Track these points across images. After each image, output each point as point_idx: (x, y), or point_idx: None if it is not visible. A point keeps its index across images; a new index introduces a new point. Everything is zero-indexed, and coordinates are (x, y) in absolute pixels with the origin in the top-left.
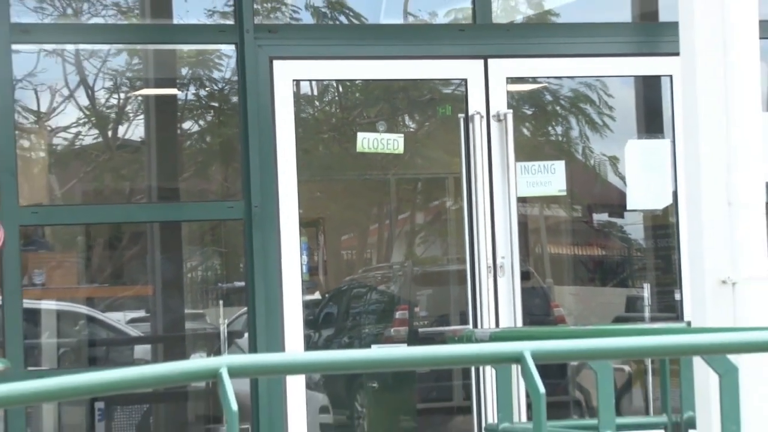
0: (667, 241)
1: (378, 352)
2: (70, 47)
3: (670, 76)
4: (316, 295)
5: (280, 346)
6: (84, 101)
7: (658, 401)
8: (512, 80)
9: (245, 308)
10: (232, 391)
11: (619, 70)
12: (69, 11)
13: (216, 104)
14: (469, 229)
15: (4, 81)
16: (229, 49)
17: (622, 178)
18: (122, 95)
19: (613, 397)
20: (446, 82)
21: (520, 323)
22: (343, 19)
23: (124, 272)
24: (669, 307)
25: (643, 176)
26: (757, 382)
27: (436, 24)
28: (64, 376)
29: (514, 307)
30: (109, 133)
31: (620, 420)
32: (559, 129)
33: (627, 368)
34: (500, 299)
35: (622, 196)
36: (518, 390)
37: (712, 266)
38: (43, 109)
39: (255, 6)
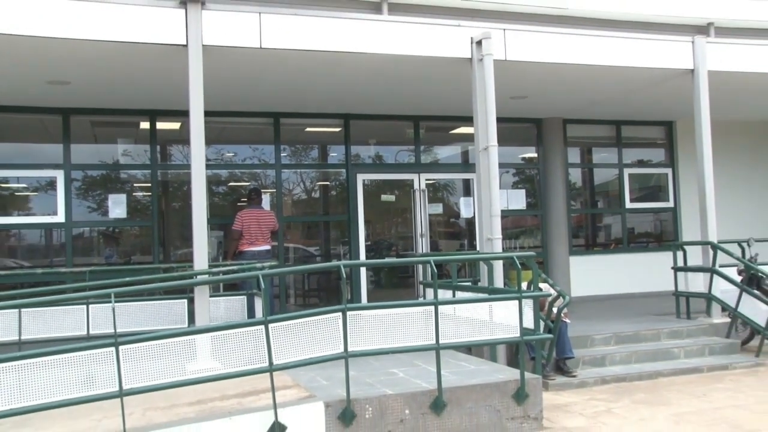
0: (472, 227)
1: (388, 260)
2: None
3: (473, 179)
4: (369, 242)
5: (358, 258)
6: (301, 188)
7: (470, 275)
8: (427, 179)
9: (348, 246)
10: (344, 273)
11: (459, 177)
12: (294, 160)
13: (340, 187)
14: (413, 223)
15: (278, 186)
16: (343, 171)
17: (458, 209)
18: (310, 185)
19: (457, 273)
20: (407, 180)
21: (429, 250)
22: (381, 160)
23: (310, 235)
24: (473, 247)
25: (465, 207)
26: (497, 269)
27: (404, 162)
28: (289, 267)
29: (428, 246)
30: (310, 195)
31: (459, 280)
32: (440, 194)
33: (460, 264)
34: (423, 244)
35: (458, 213)
36: (428, 270)
37: (487, 234)
38: (290, 188)
39: (351, 159)
